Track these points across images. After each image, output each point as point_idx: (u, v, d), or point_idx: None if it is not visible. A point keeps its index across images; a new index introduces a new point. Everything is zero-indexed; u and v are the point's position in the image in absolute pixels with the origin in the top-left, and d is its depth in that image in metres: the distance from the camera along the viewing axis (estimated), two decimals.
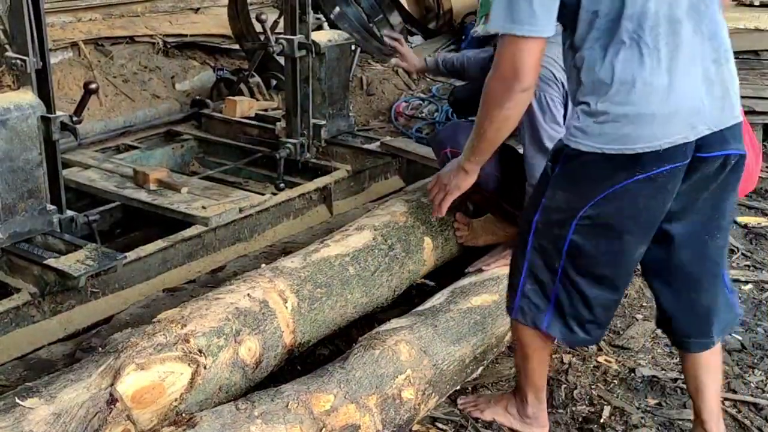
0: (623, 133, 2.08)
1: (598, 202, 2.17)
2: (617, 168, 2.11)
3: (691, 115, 2.09)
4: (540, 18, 2.06)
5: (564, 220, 2.22)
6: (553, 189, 2.23)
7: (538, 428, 2.63)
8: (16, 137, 3.28)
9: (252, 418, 2.12)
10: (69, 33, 5.29)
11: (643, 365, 3.00)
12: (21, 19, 3.27)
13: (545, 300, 2.34)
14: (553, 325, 2.36)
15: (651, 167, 2.10)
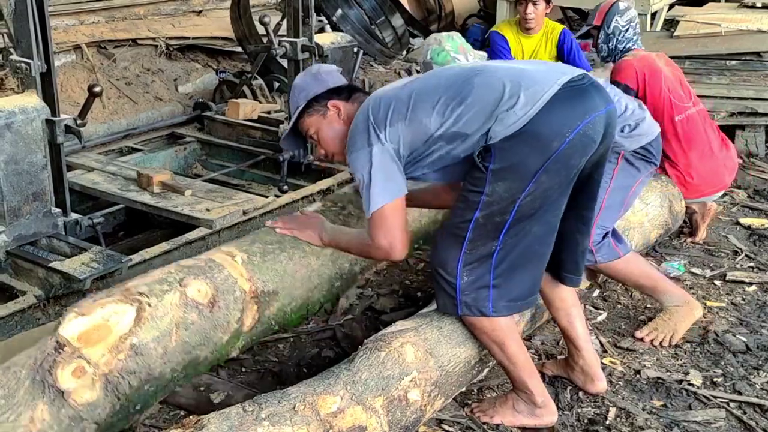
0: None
1: (538, 178, 2.37)
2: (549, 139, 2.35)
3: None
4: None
5: (506, 207, 2.40)
6: (492, 183, 2.38)
7: (549, 416, 2.65)
8: (20, 140, 3.28)
9: (259, 420, 2.12)
10: (72, 36, 5.30)
11: (648, 367, 3.00)
12: (26, 22, 3.28)
13: (485, 287, 2.50)
14: (498, 307, 2.52)
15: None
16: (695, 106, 3.92)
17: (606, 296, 3.48)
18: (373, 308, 3.31)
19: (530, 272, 2.57)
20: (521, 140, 2.35)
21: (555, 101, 2.36)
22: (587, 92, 2.43)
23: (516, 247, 2.48)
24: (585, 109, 2.39)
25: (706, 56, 5.62)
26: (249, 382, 2.81)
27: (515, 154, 2.37)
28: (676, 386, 2.89)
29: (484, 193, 2.40)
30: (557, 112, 2.36)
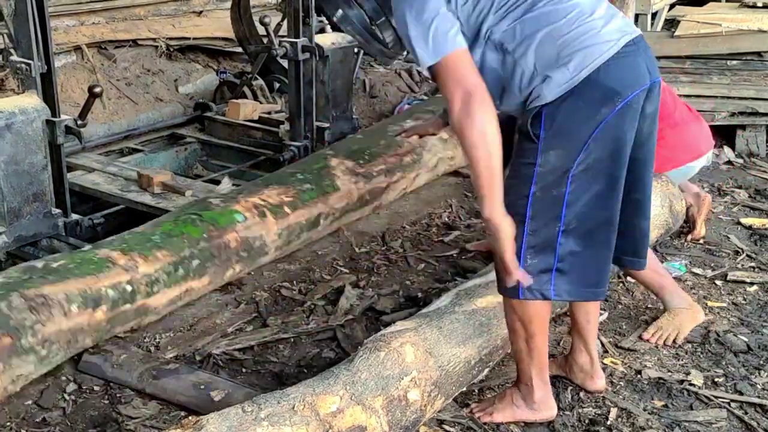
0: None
1: (588, 146, 2.28)
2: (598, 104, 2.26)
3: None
4: (451, 36, 2.24)
5: (560, 178, 2.31)
6: (544, 153, 2.29)
7: (547, 411, 2.64)
8: (21, 141, 3.29)
9: (258, 420, 2.12)
10: (72, 37, 5.29)
11: (649, 367, 2.99)
12: (26, 23, 3.29)
13: (548, 270, 2.38)
14: (560, 291, 2.41)
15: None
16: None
17: (607, 297, 3.46)
18: (373, 309, 3.31)
19: (595, 258, 2.43)
20: (571, 103, 2.27)
21: (610, 62, 2.27)
22: (639, 59, 2.34)
23: (578, 228, 2.36)
24: (636, 77, 2.32)
25: (706, 56, 5.62)
26: (249, 382, 2.80)
27: (563, 120, 2.28)
28: (677, 386, 2.88)
29: (537, 164, 2.30)
30: (612, 75, 2.27)
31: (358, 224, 4.03)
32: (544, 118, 2.29)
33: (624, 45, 2.30)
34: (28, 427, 2.56)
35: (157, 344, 2.98)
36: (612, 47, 2.28)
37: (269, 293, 3.38)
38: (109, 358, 2.79)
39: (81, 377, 2.79)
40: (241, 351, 2.99)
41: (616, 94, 2.28)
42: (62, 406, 2.66)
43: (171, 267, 3.03)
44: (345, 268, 3.61)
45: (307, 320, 3.20)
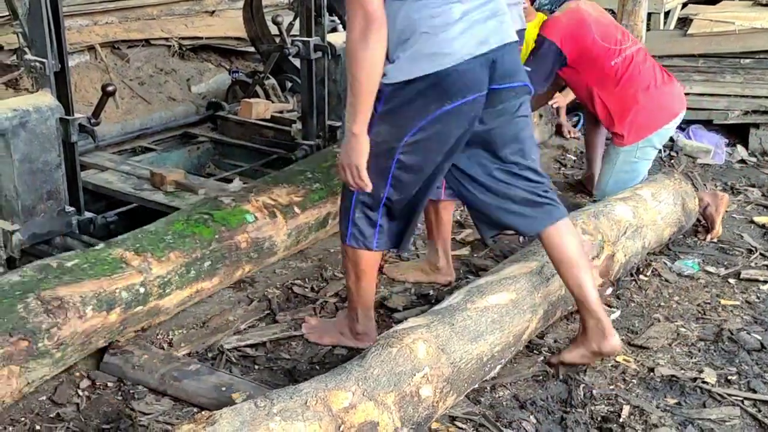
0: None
1: (414, 133, 2.58)
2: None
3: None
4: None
5: (388, 151, 2.61)
6: (378, 125, 2.58)
7: (369, 341, 2.88)
8: (35, 139, 3.30)
9: (271, 415, 2.12)
10: (86, 36, 5.32)
11: (662, 365, 2.99)
12: (40, 21, 3.30)
13: (371, 225, 2.76)
14: (381, 244, 2.80)
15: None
16: (635, 44, 4.05)
17: (619, 294, 3.46)
18: (385, 306, 3.31)
19: (410, 225, 2.83)
20: (407, 92, 2.54)
21: (451, 70, 2.52)
22: (483, 69, 2.58)
23: (401, 199, 2.72)
24: (471, 86, 2.57)
25: (719, 55, 5.59)
26: (262, 379, 2.81)
27: (400, 102, 2.56)
28: (690, 384, 2.87)
29: (372, 134, 2.58)
30: (451, 80, 2.53)
31: None
32: (385, 95, 2.57)
33: (475, 56, 2.55)
34: (42, 423, 2.58)
35: (170, 341, 2.99)
36: (459, 57, 2.52)
37: (281, 290, 3.39)
38: (130, 359, 2.80)
39: (94, 373, 2.80)
40: (253, 348, 3.00)
41: (448, 97, 2.54)
42: (76, 402, 2.68)
43: (183, 268, 3.04)
44: None
45: (319, 317, 3.21)
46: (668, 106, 4.01)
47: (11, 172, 3.27)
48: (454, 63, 2.53)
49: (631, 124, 3.95)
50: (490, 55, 2.59)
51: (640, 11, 5.51)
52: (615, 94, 3.94)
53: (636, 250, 3.49)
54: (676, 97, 4.09)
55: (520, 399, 2.77)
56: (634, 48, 4.01)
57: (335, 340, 3.03)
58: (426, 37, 2.52)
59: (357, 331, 2.98)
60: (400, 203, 2.75)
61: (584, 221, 3.31)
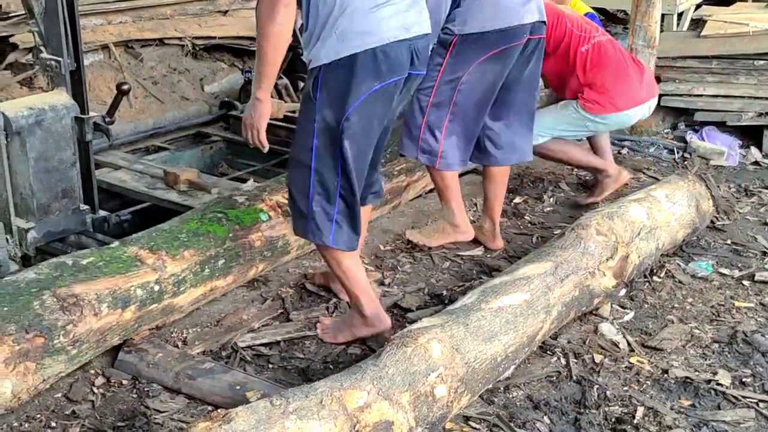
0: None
1: (349, 114, 2.66)
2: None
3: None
4: None
5: (334, 136, 2.69)
6: (320, 111, 2.67)
7: (381, 325, 2.98)
8: (50, 137, 3.33)
9: (286, 414, 2.13)
10: (100, 35, 5.34)
11: (676, 366, 2.98)
12: (56, 20, 3.32)
13: (328, 219, 2.80)
14: (338, 241, 2.82)
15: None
16: (604, 35, 4.25)
17: (633, 296, 3.45)
18: (399, 306, 3.31)
19: (358, 213, 2.86)
20: (341, 72, 2.63)
21: (379, 49, 2.63)
22: (405, 52, 2.71)
23: (349, 187, 2.77)
24: (399, 67, 2.70)
25: (733, 56, 5.56)
26: (276, 377, 2.82)
27: (335, 84, 2.65)
28: (704, 386, 2.86)
29: (316, 121, 2.69)
30: (379, 59, 2.64)
31: (382, 222, 4.04)
32: (320, 81, 2.66)
33: (400, 40, 2.68)
34: (57, 420, 2.59)
35: (185, 339, 3.00)
36: (387, 38, 2.64)
37: (295, 290, 3.39)
38: (145, 357, 2.81)
39: (110, 371, 2.81)
40: (267, 346, 3.01)
41: (378, 76, 2.66)
42: (91, 400, 2.69)
43: (197, 266, 3.05)
44: (370, 266, 3.62)
45: (332, 316, 3.21)
46: (635, 94, 4.19)
47: (27, 170, 3.29)
48: (382, 43, 2.65)
49: (598, 99, 4.13)
50: (413, 42, 2.74)
51: (654, 12, 5.49)
52: (585, 77, 4.12)
53: (650, 251, 3.48)
54: (644, 85, 4.25)
55: (534, 399, 2.77)
56: (605, 38, 4.20)
57: (349, 334, 3.02)
58: (355, 15, 2.62)
59: (366, 314, 2.97)
60: (350, 192, 2.80)
61: (598, 222, 3.30)
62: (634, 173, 4.83)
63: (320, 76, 2.67)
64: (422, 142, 3.57)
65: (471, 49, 3.44)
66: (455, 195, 3.72)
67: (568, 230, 3.30)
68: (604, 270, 3.20)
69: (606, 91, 4.12)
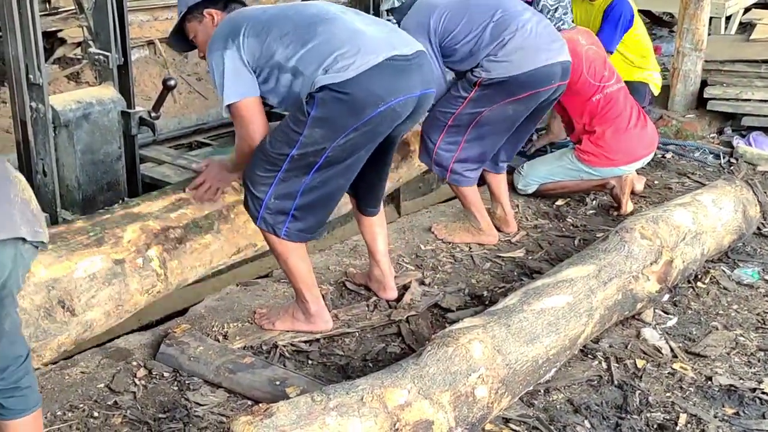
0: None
1: (348, 134, 2.73)
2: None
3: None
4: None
5: (319, 151, 2.75)
6: (311, 128, 2.71)
7: (323, 324, 3.04)
8: (97, 131, 3.36)
9: (327, 410, 2.13)
10: (146, 31, 5.40)
11: (720, 374, 2.93)
12: (105, 15, 3.35)
13: (283, 213, 2.84)
14: (291, 234, 2.87)
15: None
16: (618, 83, 4.25)
17: (676, 301, 3.41)
18: (438, 306, 3.30)
19: (323, 213, 2.95)
20: (340, 98, 2.69)
21: (375, 71, 2.71)
22: (409, 71, 2.79)
23: (319, 189, 2.84)
24: (400, 87, 2.76)
25: None
26: (315, 374, 2.82)
27: (333, 109, 2.70)
28: (749, 394, 2.82)
29: (303, 135, 2.73)
30: (376, 82, 2.71)
31: (423, 221, 4.04)
32: (318, 100, 2.71)
33: (392, 56, 2.75)
34: (100, 410, 2.62)
35: (225, 334, 3.02)
36: (379, 56, 2.72)
37: (335, 287, 3.40)
38: (186, 351, 2.83)
39: (151, 363, 2.84)
40: (307, 343, 3.01)
41: (380, 99, 2.71)
42: (133, 391, 2.72)
43: None
44: (410, 265, 3.61)
45: (371, 314, 3.21)
46: (632, 151, 4.24)
47: (73, 162, 3.33)
48: (376, 62, 2.73)
49: (594, 152, 4.18)
50: (413, 56, 2.83)
51: (702, 15, 5.43)
52: (590, 125, 4.17)
53: (694, 256, 3.43)
54: (644, 141, 4.29)
55: (575, 403, 2.74)
56: (616, 86, 4.21)
57: (289, 325, 3.04)
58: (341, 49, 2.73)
59: (310, 312, 3.01)
60: (318, 194, 2.85)
61: (642, 226, 3.26)
62: (679, 177, 4.77)
63: (317, 97, 2.71)
64: (436, 155, 3.67)
65: (496, 93, 3.54)
66: (474, 202, 3.81)
67: (612, 233, 3.26)
68: (647, 274, 3.17)
69: (604, 145, 4.17)
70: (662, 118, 5.54)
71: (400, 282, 3.41)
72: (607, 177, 4.22)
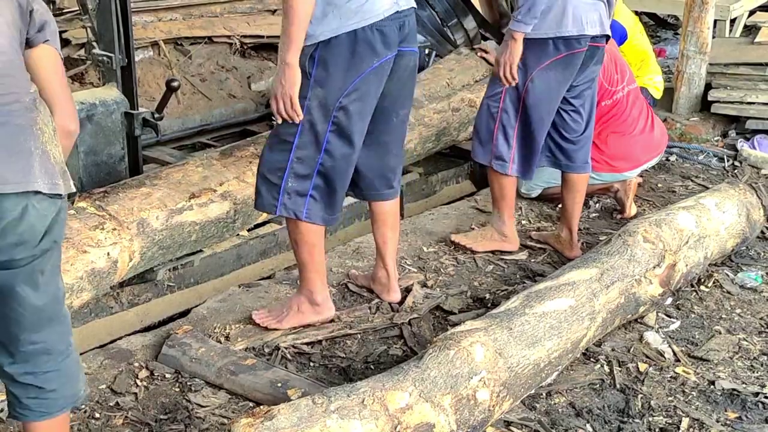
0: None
1: (347, 92, 2.71)
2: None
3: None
4: None
5: (324, 115, 2.72)
6: (314, 89, 2.69)
7: (328, 312, 3.04)
8: (100, 132, 3.37)
9: (328, 413, 2.13)
10: (150, 32, 5.40)
11: (723, 378, 2.92)
12: (109, 17, 3.37)
13: (302, 195, 2.81)
14: (311, 215, 2.84)
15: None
16: (629, 84, 4.24)
17: (679, 305, 3.40)
18: (441, 308, 3.30)
19: (340, 190, 2.90)
20: (340, 51, 2.66)
21: (376, 25, 2.68)
22: (395, 30, 2.75)
23: (333, 163, 2.81)
24: (389, 45, 2.74)
25: None
26: (317, 376, 2.82)
27: (333, 63, 2.68)
28: (752, 399, 2.81)
29: (308, 98, 2.70)
30: (377, 35, 2.68)
31: (426, 223, 4.03)
32: (317, 58, 2.68)
33: (391, 15, 2.72)
34: (101, 410, 2.62)
35: (227, 335, 3.02)
36: (381, 14, 2.69)
37: (337, 289, 3.39)
38: (188, 352, 2.83)
39: (153, 364, 2.84)
40: (309, 345, 3.01)
41: (375, 54, 2.70)
42: (134, 392, 2.72)
43: None
44: (413, 267, 3.61)
45: (373, 316, 3.21)
46: (635, 157, 4.24)
47: (77, 163, 3.34)
48: (378, 19, 2.69)
49: (596, 158, 4.11)
50: (402, 16, 2.78)
51: (707, 18, 5.42)
52: (595, 128, 4.07)
53: (698, 260, 3.42)
54: (649, 146, 4.29)
55: (577, 407, 2.74)
56: (626, 90, 4.21)
57: (297, 320, 3.02)
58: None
59: (316, 302, 3.00)
60: (333, 171, 2.83)
61: (645, 229, 3.25)
62: (683, 180, 4.76)
63: (317, 53, 2.68)
64: (495, 148, 3.57)
65: (532, 54, 3.43)
66: (510, 204, 3.71)
67: (615, 236, 3.26)
68: (650, 278, 3.16)
69: (606, 151, 4.16)
70: (666, 121, 5.53)
71: (402, 284, 3.40)
72: (610, 181, 4.22)
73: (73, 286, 2.79)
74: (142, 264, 3.11)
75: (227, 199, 3.32)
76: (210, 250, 3.50)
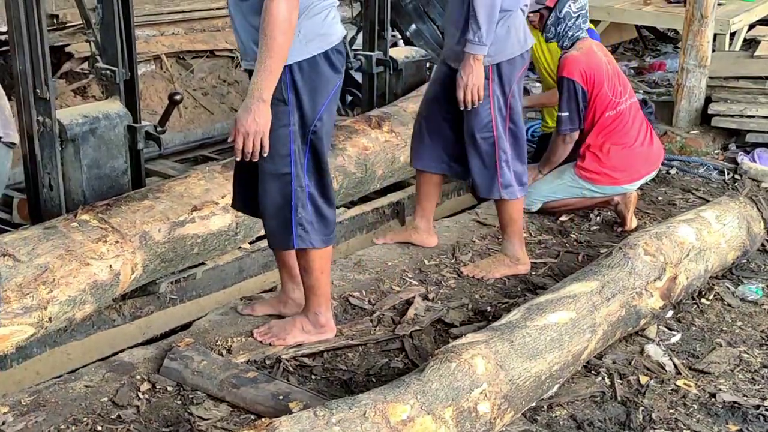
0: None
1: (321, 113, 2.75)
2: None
3: None
4: None
5: (303, 137, 2.74)
6: (292, 114, 2.69)
7: (330, 332, 3.06)
8: (103, 145, 3.38)
9: (330, 425, 2.13)
10: (152, 46, 5.43)
11: (724, 390, 2.93)
12: (112, 31, 3.39)
13: (309, 223, 2.82)
14: (317, 240, 2.85)
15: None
16: (631, 98, 4.27)
17: (680, 317, 3.40)
18: (442, 321, 3.30)
19: (331, 205, 2.91)
20: (309, 73, 2.70)
21: (339, 46, 2.77)
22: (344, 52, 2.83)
23: (318, 187, 2.83)
24: (343, 65, 2.83)
25: None
26: (318, 389, 2.82)
27: (306, 85, 2.70)
28: (753, 411, 2.81)
29: (291, 124, 2.70)
30: (337, 56, 2.76)
31: None
32: (288, 83, 2.67)
33: (342, 37, 2.80)
34: (103, 423, 2.62)
35: (229, 348, 3.02)
36: (337, 39, 2.76)
37: (339, 302, 3.40)
38: (190, 365, 2.83)
39: (155, 377, 2.84)
40: (310, 357, 3.02)
41: (338, 75, 2.78)
42: (136, 405, 2.72)
43: None
44: (414, 280, 3.62)
45: (375, 329, 3.21)
46: (635, 170, 4.25)
47: (80, 176, 3.35)
48: (337, 42, 2.76)
49: (596, 170, 4.19)
50: (344, 42, 2.86)
51: (706, 32, 5.44)
52: (595, 139, 4.18)
53: (698, 273, 3.43)
54: (649, 159, 4.31)
55: (578, 419, 2.74)
56: (628, 103, 4.23)
57: (300, 337, 3.03)
58: (315, 18, 2.69)
59: (320, 323, 3.03)
60: (319, 192, 2.85)
61: (646, 242, 3.26)
62: (683, 193, 4.77)
63: (287, 78, 2.67)
64: (501, 178, 3.55)
65: (505, 74, 3.47)
66: (520, 227, 3.70)
67: (616, 249, 3.27)
68: (651, 290, 3.17)
69: (607, 163, 4.17)
70: (666, 134, 5.55)
71: (403, 297, 3.41)
72: (611, 194, 4.23)
73: (76, 299, 2.81)
74: (145, 276, 3.13)
75: (229, 212, 3.34)
76: (212, 262, 3.51)
